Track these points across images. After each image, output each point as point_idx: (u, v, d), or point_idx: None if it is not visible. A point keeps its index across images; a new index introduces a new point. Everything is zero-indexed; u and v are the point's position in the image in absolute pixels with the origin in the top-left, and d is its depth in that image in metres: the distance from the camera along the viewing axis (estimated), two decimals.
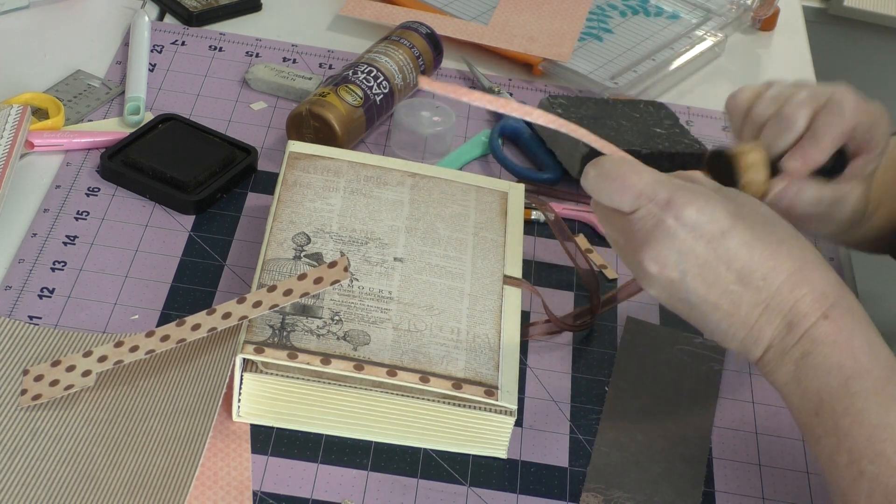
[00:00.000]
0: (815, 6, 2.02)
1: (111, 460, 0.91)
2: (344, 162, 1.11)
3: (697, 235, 0.84)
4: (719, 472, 0.99)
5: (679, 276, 0.85)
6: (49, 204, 1.12)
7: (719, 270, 0.85)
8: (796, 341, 0.85)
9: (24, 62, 1.29)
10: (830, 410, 0.84)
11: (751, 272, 0.85)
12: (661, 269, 0.86)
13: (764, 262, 0.85)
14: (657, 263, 0.85)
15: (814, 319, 0.84)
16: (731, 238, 0.85)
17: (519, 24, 1.42)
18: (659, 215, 0.85)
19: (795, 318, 0.85)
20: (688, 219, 0.84)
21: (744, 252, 0.85)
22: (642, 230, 0.86)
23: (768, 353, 0.87)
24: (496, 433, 0.96)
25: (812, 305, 0.85)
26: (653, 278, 0.86)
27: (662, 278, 0.86)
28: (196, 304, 1.05)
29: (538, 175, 1.24)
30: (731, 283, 0.85)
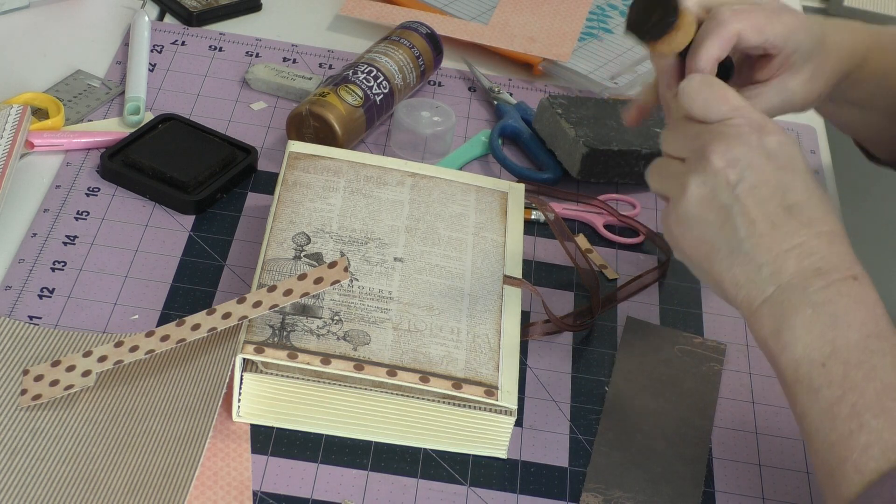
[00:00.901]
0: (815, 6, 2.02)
1: (111, 460, 0.91)
2: (344, 162, 1.11)
3: (771, 157, 0.88)
4: (719, 472, 0.99)
5: (736, 179, 0.87)
6: (49, 204, 1.12)
7: (774, 193, 0.87)
8: (821, 287, 0.86)
9: (24, 62, 1.29)
10: (843, 361, 0.85)
11: (801, 210, 0.87)
12: (725, 166, 0.88)
13: (815, 208, 0.88)
14: (725, 159, 0.88)
15: (845, 274, 0.87)
16: (798, 175, 0.88)
17: (519, 24, 1.42)
18: (747, 129, 0.88)
19: (826, 267, 0.87)
20: (770, 143, 0.88)
21: (803, 192, 0.88)
22: (724, 133, 0.88)
23: (782, 290, 0.87)
24: (496, 433, 0.96)
25: (844, 263, 0.87)
26: (711, 172, 0.88)
27: (721, 176, 0.88)
28: (196, 304, 1.05)
29: (538, 175, 1.24)
30: (780, 209, 0.87)
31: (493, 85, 1.34)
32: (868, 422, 0.83)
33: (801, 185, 0.88)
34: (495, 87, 1.34)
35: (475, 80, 1.36)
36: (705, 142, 0.89)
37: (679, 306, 1.13)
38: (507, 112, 1.30)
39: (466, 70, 1.37)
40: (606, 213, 1.20)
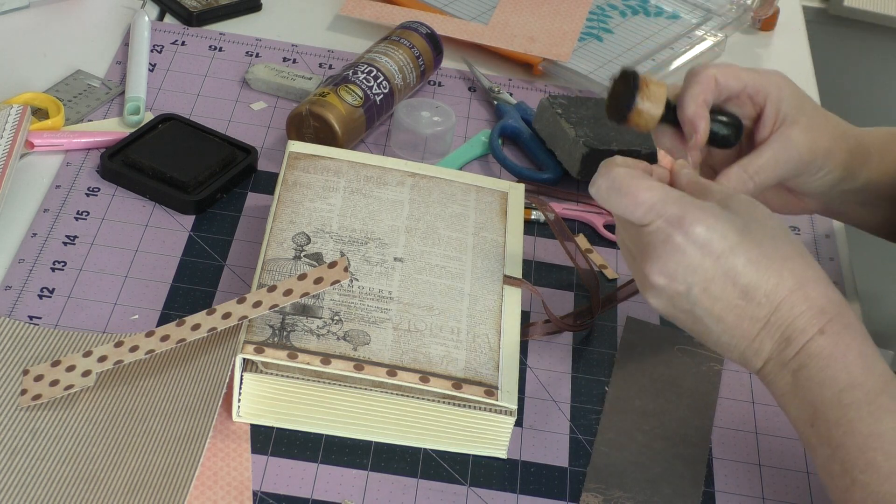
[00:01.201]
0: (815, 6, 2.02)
1: (111, 460, 0.91)
2: (344, 162, 1.11)
3: (706, 252, 0.87)
4: (719, 472, 0.99)
5: (685, 290, 0.88)
6: (49, 204, 1.12)
7: (725, 286, 0.88)
8: (794, 355, 0.88)
9: (24, 62, 1.29)
10: (824, 421, 0.86)
11: (755, 289, 0.88)
12: (668, 282, 0.88)
13: (768, 279, 0.88)
14: (665, 276, 0.88)
15: (811, 335, 0.87)
16: (738, 255, 0.87)
17: (519, 24, 1.42)
18: (668, 231, 0.88)
19: (794, 334, 0.88)
20: (697, 236, 0.87)
21: (750, 269, 0.87)
22: (652, 244, 0.88)
23: (767, 365, 0.89)
24: (496, 433, 0.96)
25: (810, 321, 0.87)
26: (659, 290, 0.89)
27: (669, 290, 0.89)
28: (196, 304, 1.05)
29: (538, 175, 1.24)
30: (736, 297, 0.88)
31: (493, 85, 1.34)
32: (857, 478, 0.84)
33: (744, 262, 0.87)
34: (495, 87, 1.34)
35: (475, 80, 1.36)
36: (642, 256, 0.89)
37: None
38: (507, 112, 1.30)
39: (466, 70, 1.37)
40: (606, 213, 1.20)
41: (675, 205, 0.88)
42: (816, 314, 0.87)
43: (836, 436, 0.85)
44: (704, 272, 0.87)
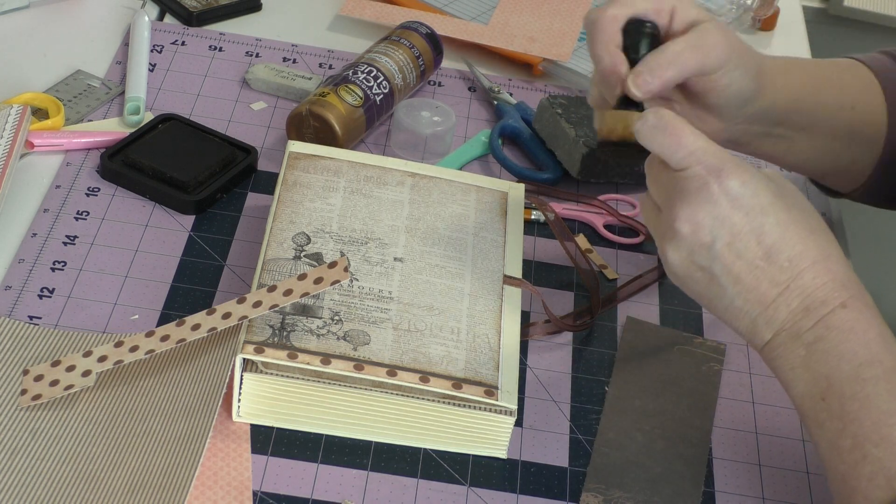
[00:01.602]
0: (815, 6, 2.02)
1: (111, 460, 0.91)
2: (344, 162, 1.11)
3: (737, 206, 0.87)
4: (719, 472, 0.99)
5: (710, 241, 0.88)
6: (49, 204, 1.12)
7: (750, 243, 0.88)
8: (811, 326, 0.87)
9: (24, 62, 1.29)
10: (839, 394, 0.85)
11: (779, 251, 0.87)
12: (693, 231, 0.88)
13: (793, 245, 0.88)
14: (692, 224, 0.88)
15: (832, 307, 0.87)
16: (768, 215, 0.88)
17: (519, 24, 1.42)
18: (705, 179, 0.88)
19: (814, 304, 0.87)
20: (732, 189, 0.87)
21: (777, 231, 0.88)
22: (685, 189, 0.88)
23: (779, 335, 0.89)
24: (496, 433, 0.96)
25: (832, 293, 0.87)
26: (682, 239, 0.89)
27: (692, 240, 0.88)
28: (196, 304, 1.05)
29: (538, 175, 1.24)
30: (759, 257, 0.88)
31: (493, 85, 1.34)
32: (870, 452, 0.84)
33: (773, 223, 0.88)
34: (495, 87, 1.34)
35: (475, 80, 1.36)
36: (671, 202, 0.89)
37: (679, 306, 1.13)
38: (507, 112, 1.30)
39: (466, 70, 1.37)
40: (606, 213, 1.20)
41: (716, 156, 0.88)
42: (839, 287, 0.87)
43: (850, 409, 0.84)
44: (732, 226, 0.87)
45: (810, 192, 1.27)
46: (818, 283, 0.87)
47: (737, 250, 0.88)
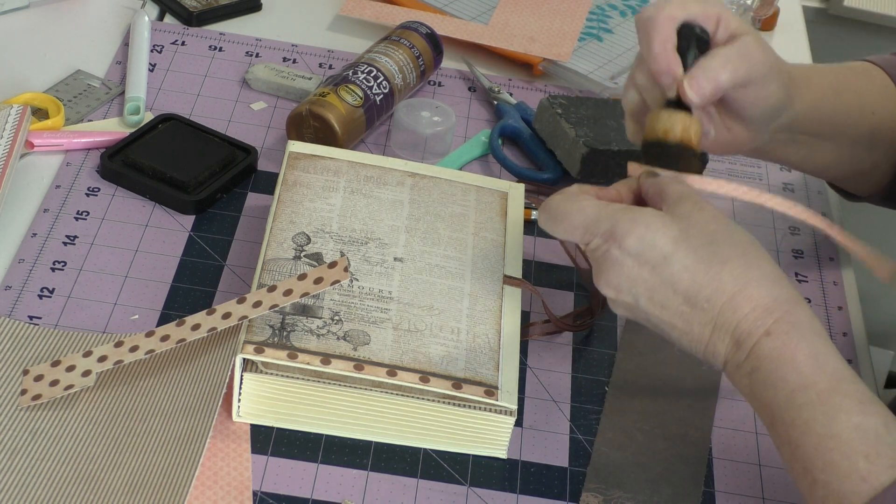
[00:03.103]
0: (815, 6, 2.02)
1: (111, 460, 0.91)
2: (344, 162, 1.11)
3: (642, 262, 0.89)
4: (719, 472, 0.99)
5: (633, 300, 0.90)
6: (49, 204, 1.12)
7: (667, 293, 0.89)
8: (745, 358, 0.88)
9: (24, 62, 1.29)
10: (781, 422, 0.86)
11: (695, 294, 0.88)
12: (616, 295, 0.91)
13: (707, 284, 0.88)
14: (612, 289, 0.90)
15: (757, 337, 0.87)
16: (673, 263, 0.88)
17: (519, 24, 1.42)
18: (605, 246, 0.90)
19: (741, 337, 0.88)
20: (630, 247, 0.89)
21: (686, 276, 0.88)
22: (596, 260, 0.91)
23: (726, 367, 0.90)
24: (496, 433, 0.96)
25: (755, 324, 0.87)
26: (613, 302, 0.92)
27: (620, 302, 0.91)
28: (196, 304, 1.05)
29: (538, 175, 1.24)
30: (680, 304, 0.89)
31: (493, 85, 1.34)
32: (818, 477, 0.84)
33: (681, 269, 0.88)
34: (495, 87, 1.34)
35: (475, 80, 1.36)
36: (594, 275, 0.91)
37: None
38: (507, 112, 1.30)
39: (466, 70, 1.37)
40: None
41: (607, 220, 0.89)
42: (761, 315, 0.87)
43: (793, 436, 0.85)
44: (644, 282, 0.89)
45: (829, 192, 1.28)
46: (739, 316, 0.87)
47: (659, 303, 0.89)
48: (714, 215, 0.90)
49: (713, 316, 0.88)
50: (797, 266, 1.21)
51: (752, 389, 0.87)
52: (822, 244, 1.24)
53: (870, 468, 0.82)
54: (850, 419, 0.83)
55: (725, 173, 1.30)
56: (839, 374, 0.85)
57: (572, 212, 0.91)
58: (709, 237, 0.89)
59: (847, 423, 0.83)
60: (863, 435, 0.83)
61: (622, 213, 0.89)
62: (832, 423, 0.83)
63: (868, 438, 0.82)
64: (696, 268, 0.88)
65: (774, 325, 0.86)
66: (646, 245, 0.88)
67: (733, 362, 0.88)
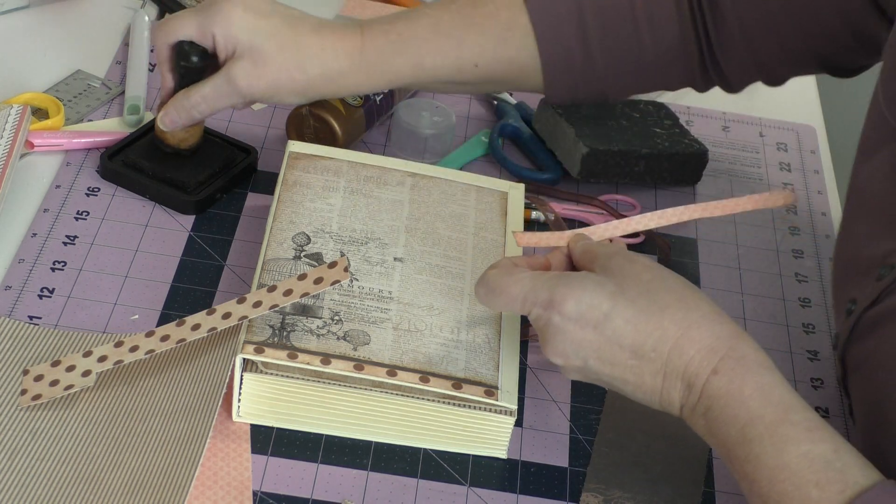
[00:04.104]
0: None
1: (111, 460, 0.91)
2: (344, 162, 1.11)
3: (583, 324, 0.89)
4: (719, 472, 0.99)
5: (582, 363, 0.90)
6: (49, 204, 1.12)
7: (613, 350, 0.89)
8: (698, 399, 0.88)
9: (24, 62, 1.29)
10: (736, 458, 0.86)
11: (641, 345, 0.88)
12: (565, 361, 0.91)
13: (650, 333, 0.88)
14: (559, 356, 0.91)
15: (705, 377, 0.87)
16: (614, 318, 0.88)
17: None
18: (545, 315, 0.90)
19: (691, 379, 0.88)
20: (570, 312, 0.89)
21: (629, 329, 0.88)
22: (539, 329, 0.91)
23: (683, 411, 0.90)
24: (496, 433, 0.96)
25: (701, 364, 0.87)
26: (564, 369, 0.92)
27: (570, 368, 0.91)
28: (196, 304, 1.05)
29: (538, 175, 1.24)
30: (628, 358, 0.89)
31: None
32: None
33: (623, 323, 0.88)
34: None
35: None
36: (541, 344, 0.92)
37: None
38: (507, 112, 1.30)
39: None
40: (606, 214, 1.20)
41: (544, 289, 0.90)
42: (706, 355, 0.87)
43: (748, 471, 0.85)
44: (590, 343, 0.89)
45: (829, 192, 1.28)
46: (685, 359, 0.88)
47: (608, 360, 0.89)
48: (646, 265, 0.91)
49: (661, 364, 0.88)
50: (797, 266, 1.21)
51: (709, 429, 0.88)
52: (821, 243, 1.24)
53: (821, 495, 0.82)
54: (799, 448, 0.84)
55: (725, 174, 1.30)
56: (785, 405, 0.86)
57: (510, 284, 0.91)
58: (644, 287, 0.89)
59: (796, 453, 0.83)
60: (811, 463, 0.83)
61: (557, 280, 0.90)
62: (781, 454, 0.84)
63: (817, 466, 0.83)
64: (637, 319, 0.88)
65: (720, 363, 0.87)
66: (584, 306, 0.88)
67: (688, 406, 0.89)
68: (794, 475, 0.83)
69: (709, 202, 1.00)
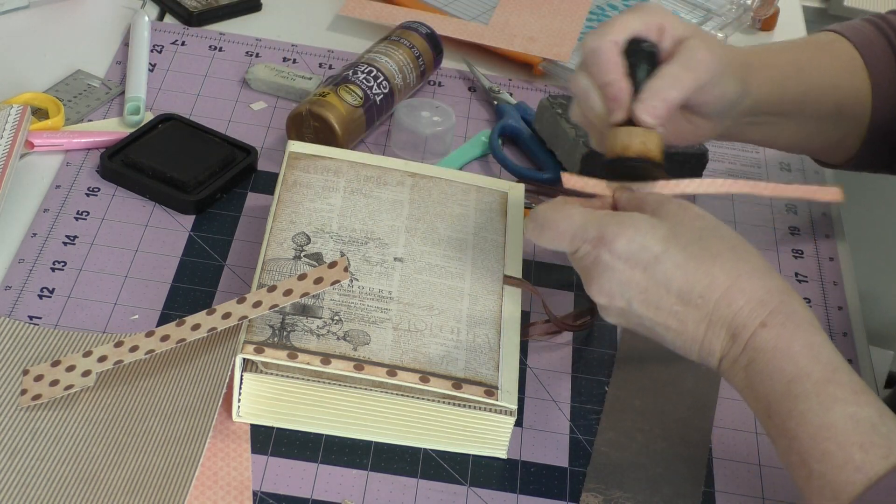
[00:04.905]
0: (815, 6, 2.02)
1: (111, 460, 0.91)
2: (344, 162, 1.11)
3: (633, 264, 0.88)
4: (719, 472, 0.99)
5: (626, 305, 0.90)
6: (49, 204, 1.12)
7: (660, 294, 0.89)
8: (741, 350, 0.88)
9: (24, 62, 1.29)
10: (777, 414, 0.86)
11: (688, 291, 0.88)
12: (609, 301, 0.90)
13: (699, 280, 0.88)
14: (604, 295, 0.90)
15: (753, 329, 0.87)
16: (664, 262, 0.88)
17: (519, 24, 1.42)
18: (594, 252, 0.89)
19: (737, 330, 0.88)
20: (620, 250, 0.88)
21: (678, 273, 0.88)
22: (585, 267, 0.91)
23: (722, 363, 0.90)
24: (496, 433, 0.96)
25: (749, 316, 0.87)
26: (605, 309, 0.91)
27: (613, 308, 0.91)
28: (196, 304, 1.05)
29: (538, 175, 1.24)
30: (674, 303, 0.89)
31: (493, 85, 1.34)
32: (814, 468, 0.84)
33: (672, 267, 0.88)
34: (495, 87, 1.34)
35: (475, 80, 1.36)
36: (585, 282, 0.91)
37: None
38: (507, 112, 1.30)
39: (466, 70, 1.37)
40: None
41: (595, 226, 0.89)
42: (755, 307, 0.87)
43: (790, 427, 0.85)
44: (637, 284, 0.88)
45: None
46: (734, 309, 0.88)
47: (653, 303, 0.89)
48: (699, 214, 0.91)
49: (707, 312, 0.88)
50: (797, 266, 1.21)
51: (749, 382, 0.87)
52: (821, 243, 1.24)
53: (864, 458, 0.82)
54: (846, 409, 0.84)
55: (725, 174, 1.30)
56: (834, 365, 0.86)
57: (559, 219, 0.91)
58: (697, 234, 0.89)
59: (842, 413, 0.84)
60: (857, 424, 0.83)
61: (609, 217, 0.90)
62: (827, 412, 0.84)
63: (863, 428, 0.83)
64: (687, 265, 0.88)
65: (770, 316, 0.87)
66: (636, 247, 0.88)
67: (729, 357, 0.88)
68: (839, 435, 0.83)
69: (758, 181, 0.99)
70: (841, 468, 0.83)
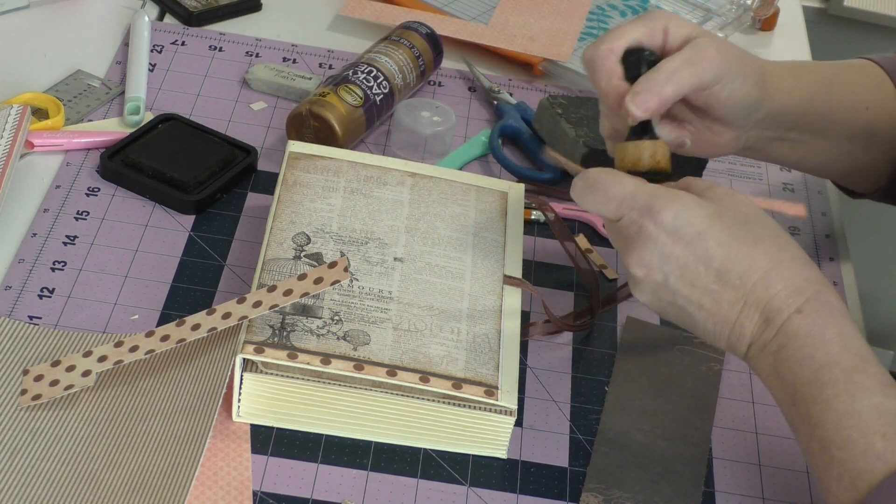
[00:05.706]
0: (815, 6, 2.02)
1: (111, 460, 0.91)
2: (344, 162, 1.11)
3: (676, 238, 0.89)
4: (719, 472, 0.99)
5: (663, 279, 0.90)
6: (49, 204, 1.12)
7: (699, 270, 0.89)
8: (773, 335, 0.89)
9: (24, 62, 1.29)
10: (803, 399, 0.87)
11: (728, 271, 0.89)
12: (646, 273, 0.90)
13: (740, 260, 0.89)
14: (642, 267, 0.90)
15: (788, 314, 0.88)
16: (707, 239, 0.89)
17: (519, 24, 1.42)
18: (639, 221, 0.90)
19: (771, 314, 0.89)
20: (666, 223, 0.89)
21: (720, 252, 0.89)
22: (627, 236, 0.91)
23: (751, 348, 0.90)
24: (496, 433, 0.96)
25: (786, 301, 0.88)
26: (640, 282, 0.91)
27: (649, 281, 0.91)
28: (196, 304, 1.05)
29: (538, 175, 1.24)
30: (711, 282, 0.89)
31: (493, 85, 1.34)
32: (835, 455, 0.85)
33: (715, 245, 0.89)
34: (495, 87, 1.34)
35: (475, 80, 1.36)
36: (623, 251, 0.92)
37: None
38: (507, 112, 1.30)
39: (466, 70, 1.37)
40: None
41: (644, 196, 0.90)
42: (792, 293, 0.88)
43: (814, 413, 0.86)
44: (677, 259, 0.89)
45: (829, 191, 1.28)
46: (771, 293, 0.89)
47: (690, 280, 0.89)
48: (745, 201, 0.92)
49: (744, 293, 0.89)
50: None
51: (777, 368, 0.88)
52: (821, 243, 1.24)
53: (886, 447, 0.83)
54: (872, 399, 0.85)
55: (725, 173, 1.30)
56: (863, 356, 0.87)
57: (611, 183, 0.91)
58: (742, 217, 0.90)
59: (868, 402, 0.84)
60: (882, 415, 0.84)
61: (659, 190, 0.91)
62: (853, 400, 0.85)
63: (887, 418, 0.84)
64: (730, 244, 0.89)
65: (806, 303, 0.88)
66: (682, 221, 0.89)
67: (760, 342, 0.89)
68: (863, 423, 0.84)
69: None
70: (862, 456, 0.84)
